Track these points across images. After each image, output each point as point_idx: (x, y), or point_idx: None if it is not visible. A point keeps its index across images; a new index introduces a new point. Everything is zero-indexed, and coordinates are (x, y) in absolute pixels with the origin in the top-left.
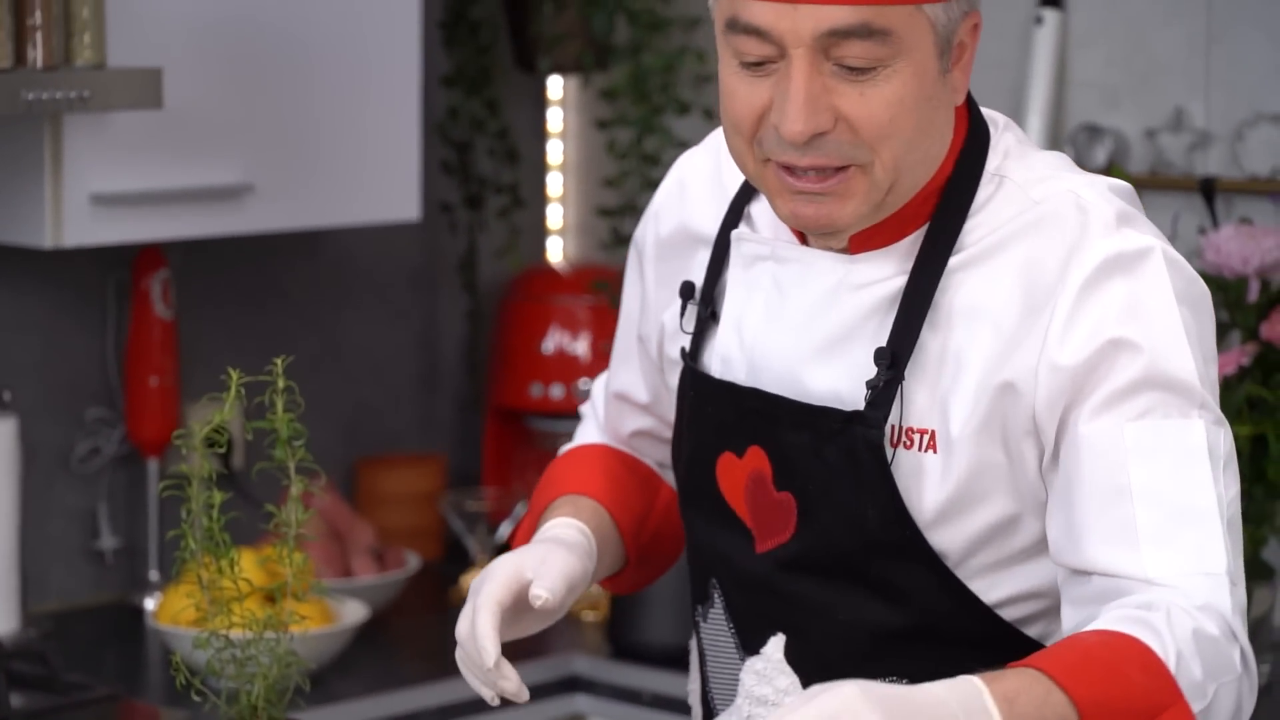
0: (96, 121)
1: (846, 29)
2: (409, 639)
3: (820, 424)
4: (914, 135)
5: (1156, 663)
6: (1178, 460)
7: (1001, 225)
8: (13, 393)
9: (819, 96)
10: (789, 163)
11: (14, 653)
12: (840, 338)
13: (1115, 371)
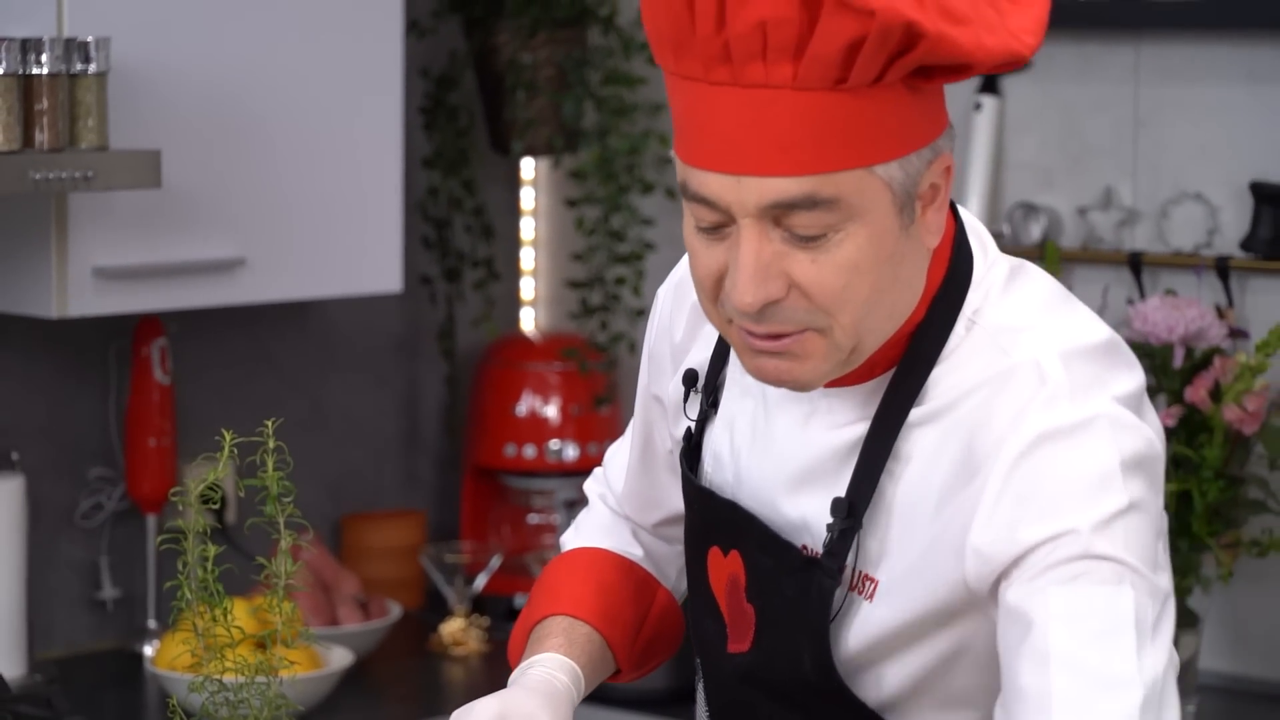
0: (99, 200)
1: (791, 201)
2: (392, 683)
3: (784, 556)
4: (871, 297)
5: None
6: (1102, 629)
7: (965, 381)
8: (20, 453)
9: (770, 264)
10: (747, 327)
11: (20, 696)
12: (807, 476)
13: (1042, 550)
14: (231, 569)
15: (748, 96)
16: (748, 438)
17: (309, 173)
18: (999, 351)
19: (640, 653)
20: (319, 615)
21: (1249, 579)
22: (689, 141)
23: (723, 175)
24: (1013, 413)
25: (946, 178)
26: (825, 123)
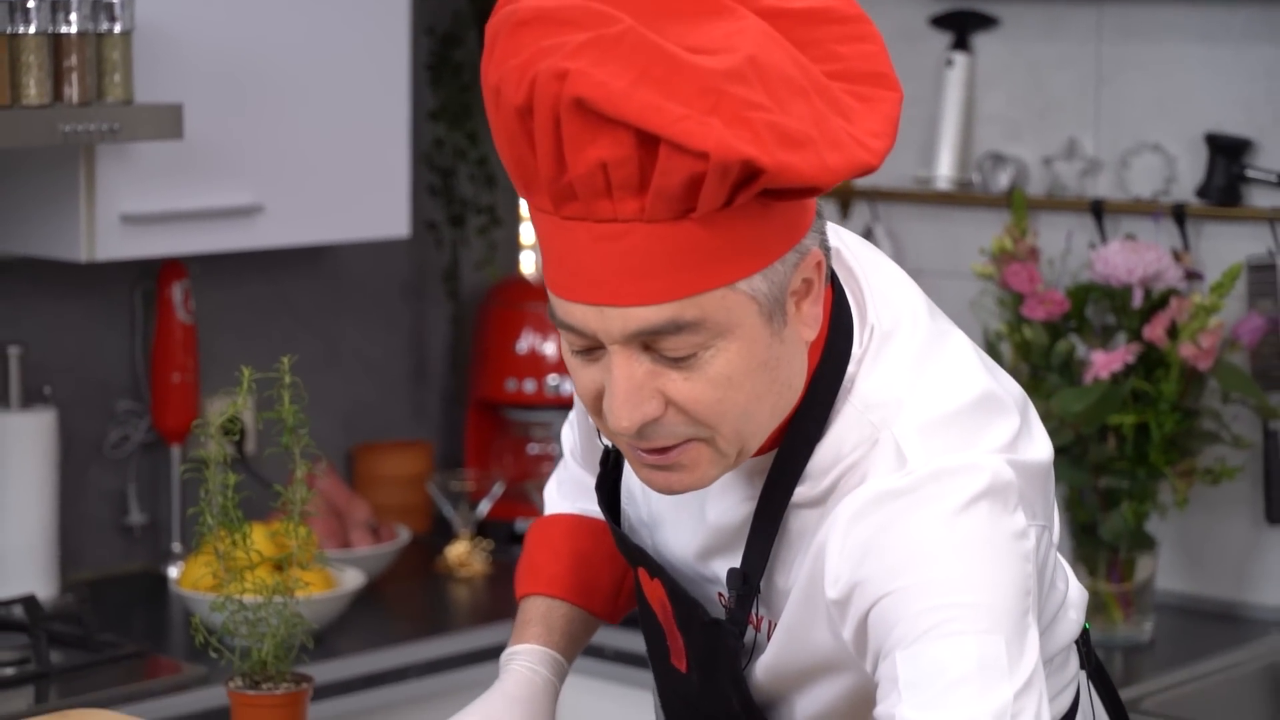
0: (125, 151)
1: (654, 328)
2: (401, 602)
3: (694, 611)
4: (750, 405)
5: None
6: (945, 684)
7: (837, 461)
8: (52, 387)
9: (643, 385)
10: (632, 445)
11: (53, 616)
12: (710, 548)
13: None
14: (250, 496)
15: (600, 230)
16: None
17: (322, 125)
18: (868, 428)
19: (624, 605)
20: (332, 539)
21: (1203, 505)
22: (552, 271)
23: (585, 305)
24: (858, 482)
25: (818, 271)
26: (679, 250)
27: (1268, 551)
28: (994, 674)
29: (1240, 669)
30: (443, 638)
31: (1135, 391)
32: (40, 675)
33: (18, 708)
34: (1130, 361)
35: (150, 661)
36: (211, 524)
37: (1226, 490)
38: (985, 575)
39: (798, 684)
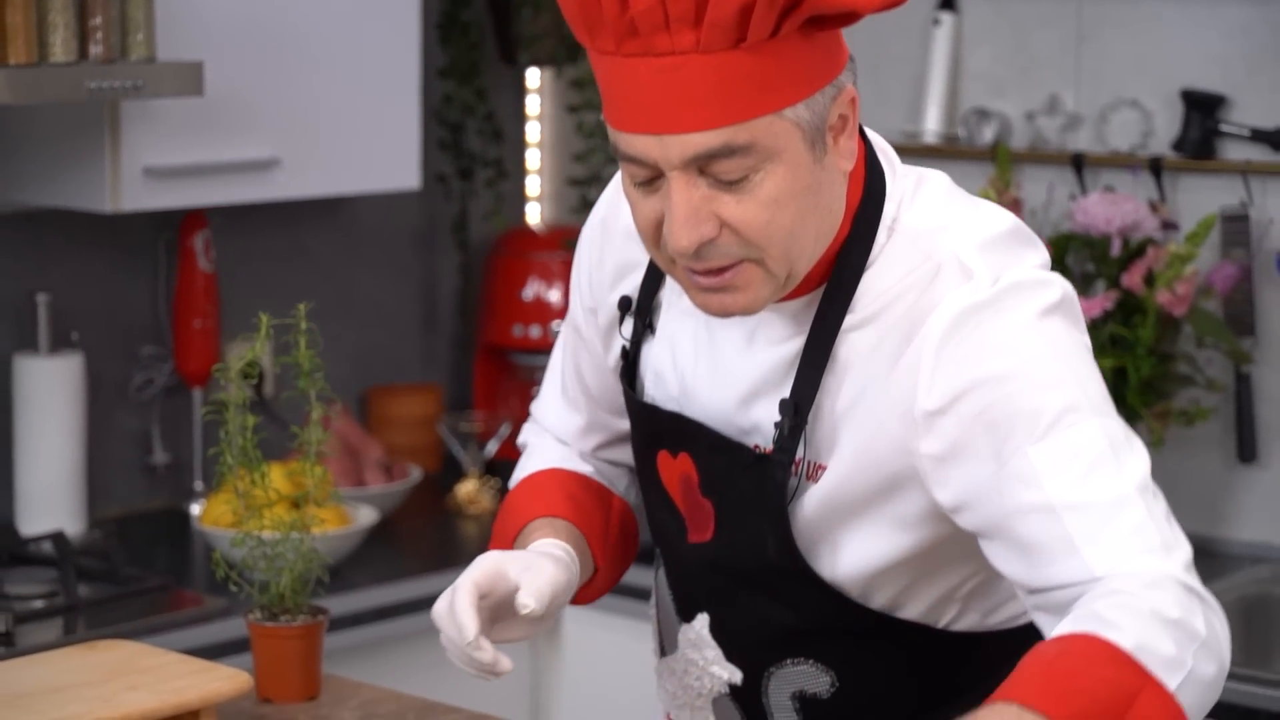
0: (148, 106)
1: (710, 152)
2: (413, 538)
3: (736, 455)
4: (796, 227)
5: (1118, 653)
6: (1085, 465)
7: (892, 285)
8: (80, 333)
9: (699, 208)
10: (691, 269)
11: (82, 550)
12: (756, 389)
13: (987, 413)
14: (268, 437)
15: (659, 64)
16: (691, 356)
17: (337, 82)
18: (921, 255)
19: (611, 550)
20: (347, 478)
21: (1178, 444)
22: (614, 108)
23: (647, 136)
24: (930, 304)
25: (853, 108)
26: (731, 78)
27: (1240, 489)
28: (1123, 450)
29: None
30: (453, 572)
31: (1113, 336)
32: (69, 608)
33: (47, 639)
34: (1109, 308)
35: (173, 595)
36: (231, 463)
37: (1200, 431)
38: (1081, 371)
39: (845, 521)
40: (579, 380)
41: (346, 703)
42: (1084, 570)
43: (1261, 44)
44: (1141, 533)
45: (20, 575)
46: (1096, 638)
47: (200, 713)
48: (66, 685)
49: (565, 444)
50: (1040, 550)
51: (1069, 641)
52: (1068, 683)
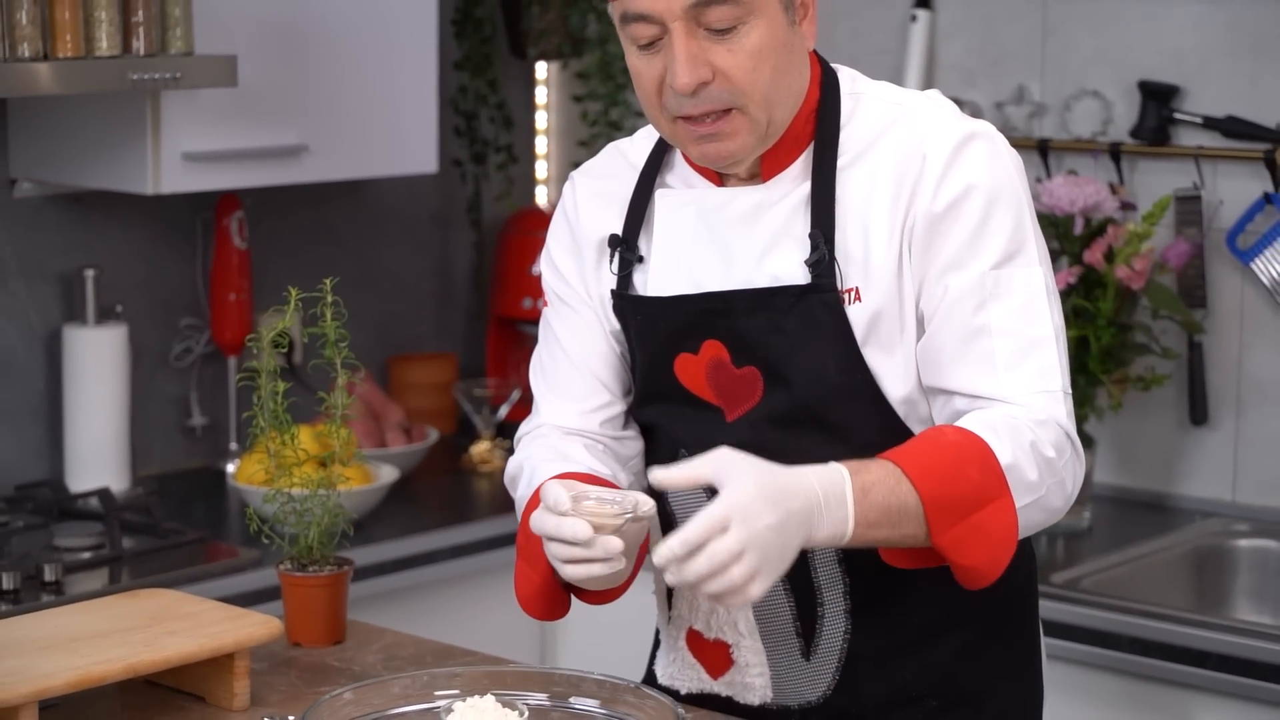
0: (186, 96)
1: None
2: (430, 494)
3: (776, 302)
4: (775, 75)
5: (994, 463)
6: (1024, 301)
7: (871, 130)
8: (123, 306)
9: (697, 56)
10: (687, 113)
11: (125, 506)
12: (771, 241)
13: (969, 214)
14: (298, 401)
15: None
16: (697, 252)
17: (360, 73)
18: (891, 104)
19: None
20: (370, 439)
21: (1134, 408)
22: None
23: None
24: (929, 130)
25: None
26: None
27: (1191, 449)
28: (1053, 298)
29: (1167, 553)
30: (467, 525)
31: (1076, 309)
32: (113, 559)
33: (93, 587)
34: (1072, 282)
35: (210, 547)
36: (263, 426)
37: (1156, 395)
38: (1036, 222)
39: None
40: (577, 358)
41: (370, 646)
42: (994, 388)
43: (1213, 39)
44: (1048, 374)
45: (69, 529)
46: (984, 444)
47: (235, 656)
48: (112, 630)
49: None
50: (964, 359)
51: (963, 437)
52: (945, 472)
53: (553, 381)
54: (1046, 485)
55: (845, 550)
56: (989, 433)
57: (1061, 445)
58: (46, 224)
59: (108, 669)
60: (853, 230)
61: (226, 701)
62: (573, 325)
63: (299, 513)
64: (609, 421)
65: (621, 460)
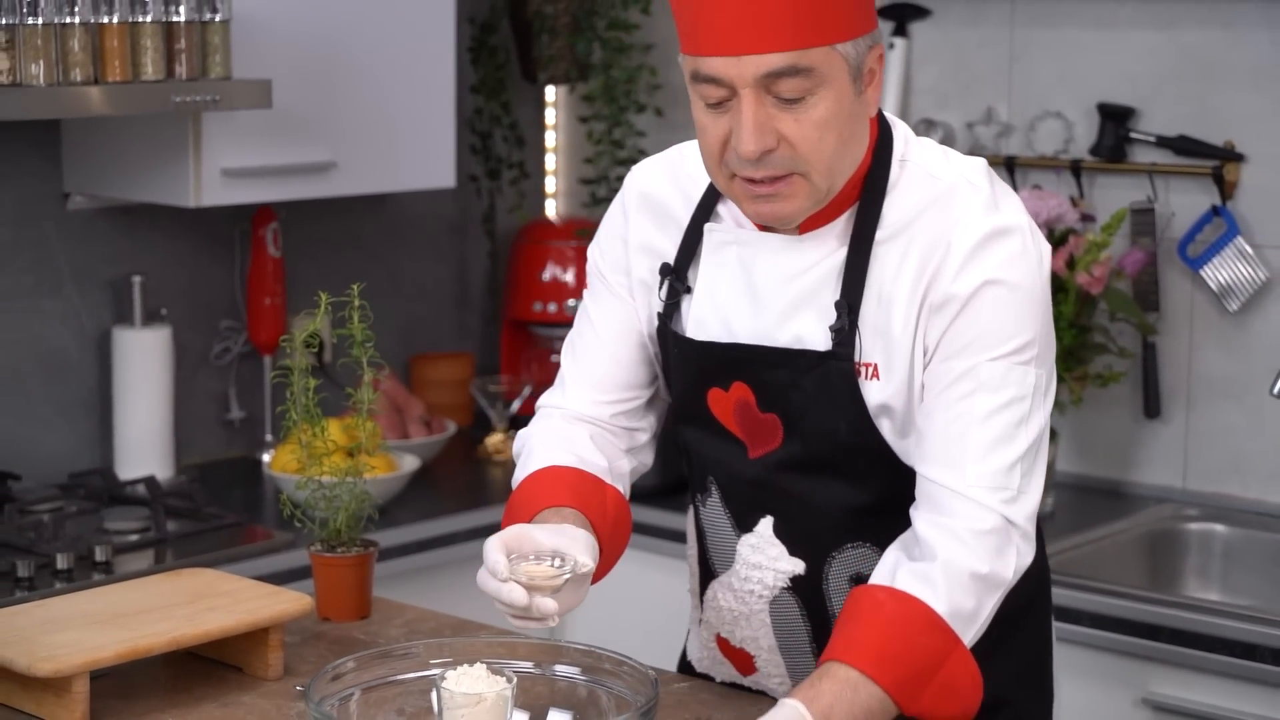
0: (225, 117)
1: (779, 70)
2: (449, 482)
3: (796, 363)
4: (838, 146)
5: (937, 621)
6: (1012, 398)
7: (912, 206)
8: (168, 309)
9: (764, 123)
10: (749, 175)
11: (169, 492)
12: (800, 301)
13: (982, 309)
14: (327, 397)
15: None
16: (732, 297)
17: (384, 96)
18: (931, 178)
19: (609, 534)
20: (394, 431)
21: (1094, 403)
22: (698, 37)
23: (725, 57)
24: (958, 217)
25: (880, 64)
26: (801, 11)
27: (1145, 440)
28: (1040, 401)
29: (1124, 535)
30: (482, 510)
31: None
32: (158, 540)
33: (139, 567)
34: None
35: (247, 529)
36: (296, 419)
37: (1113, 391)
38: (1047, 319)
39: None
40: (606, 344)
41: (393, 621)
42: (955, 480)
43: (1166, 65)
44: (1009, 475)
45: (118, 513)
46: (921, 605)
47: (269, 630)
48: (157, 606)
49: (579, 421)
50: (940, 440)
51: (901, 605)
52: (895, 649)
53: (580, 362)
54: (986, 606)
55: (859, 581)
56: (923, 586)
57: (1002, 548)
58: (97, 234)
59: (153, 642)
60: (878, 306)
61: (262, 672)
62: (607, 313)
63: (328, 498)
64: (622, 414)
65: (627, 447)
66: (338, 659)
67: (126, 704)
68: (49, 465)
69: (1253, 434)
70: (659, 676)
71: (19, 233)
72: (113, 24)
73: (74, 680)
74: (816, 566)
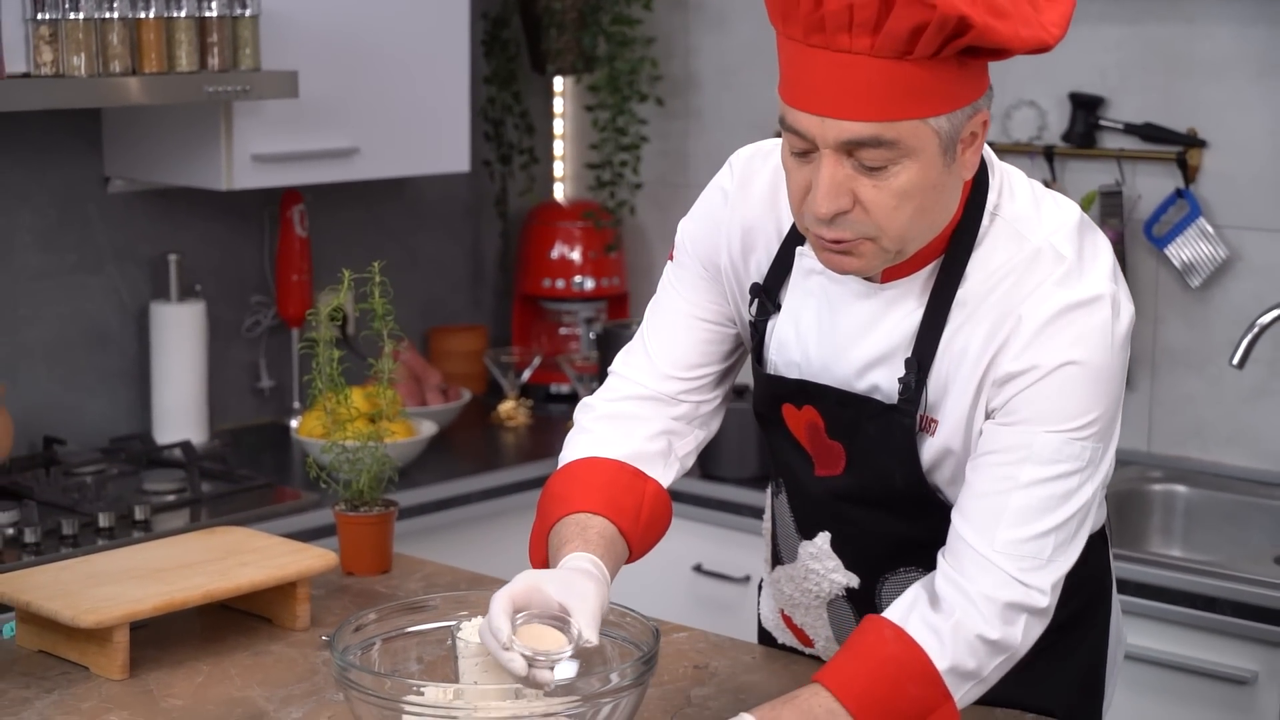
0: (255, 106)
1: (861, 140)
2: (464, 446)
3: (863, 407)
4: (915, 217)
5: (933, 674)
6: (1064, 472)
7: (997, 268)
8: (202, 285)
9: (841, 184)
10: (819, 233)
11: (203, 456)
12: (874, 351)
13: (1050, 385)
14: (350, 367)
15: (836, 59)
16: (815, 331)
17: (403, 87)
18: (1018, 239)
19: (643, 531)
20: (412, 399)
21: None
22: (790, 87)
23: (812, 115)
24: (1034, 286)
25: (984, 128)
26: (893, 83)
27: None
28: (1091, 475)
29: None
30: (496, 472)
31: None
32: (194, 501)
33: (177, 525)
34: None
35: (276, 490)
36: (321, 387)
37: None
38: (1116, 394)
39: (950, 463)
40: (676, 327)
41: (412, 575)
42: (984, 544)
43: (1133, 57)
44: (1039, 543)
45: (156, 475)
46: (923, 655)
47: (297, 584)
48: (193, 562)
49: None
50: (980, 498)
51: (904, 648)
52: (883, 692)
53: (655, 336)
54: (989, 667)
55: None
56: (930, 637)
57: (1016, 618)
58: (136, 216)
59: (189, 595)
60: (945, 364)
61: (290, 623)
62: (687, 291)
63: (352, 461)
64: (691, 390)
65: (694, 418)
66: (360, 611)
67: (164, 653)
68: (92, 430)
69: (1213, 401)
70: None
71: (64, 215)
72: (150, 19)
73: (115, 631)
74: (870, 583)
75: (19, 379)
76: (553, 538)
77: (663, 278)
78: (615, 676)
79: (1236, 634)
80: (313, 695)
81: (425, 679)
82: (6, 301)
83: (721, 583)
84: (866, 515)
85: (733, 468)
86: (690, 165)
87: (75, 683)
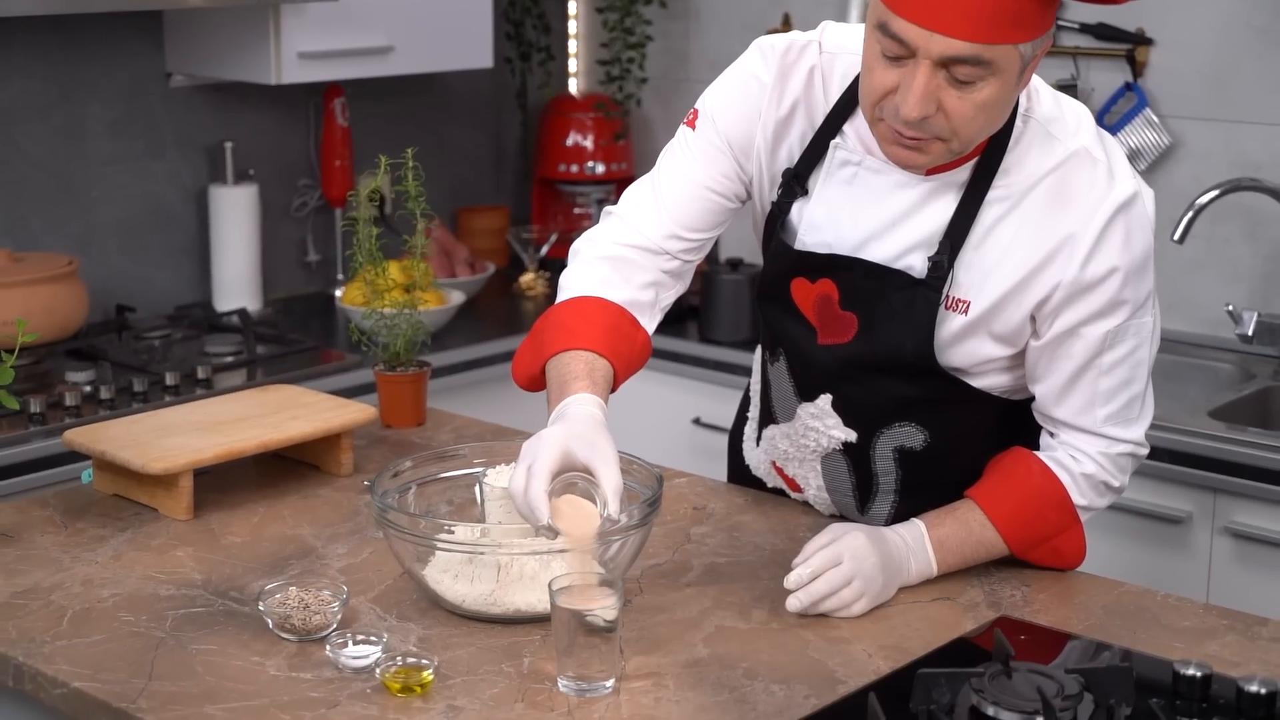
0: (300, 8)
1: (962, 57)
2: (489, 314)
3: (891, 279)
4: (986, 125)
5: (1068, 504)
6: (1133, 347)
7: (1031, 169)
8: (255, 170)
9: (931, 93)
10: (899, 131)
11: (258, 322)
12: (909, 232)
13: (1108, 288)
14: (388, 242)
15: None
16: (846, 211)
17: None
18: (1050, 140)
19: (625, 376)
20: (443, 271)
21: None
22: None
23: (921, 28)
24: (1085, 189)
25: (1043, 53)
26: (1000, 8)
27: None
28: (1151, 336)
29: None
30: (517, 336)
31: None
32: (250, 362)
33: (235, 383)
34: None
35: (323, 353)
36: (361, 261)
37: None
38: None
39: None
40: (691, 190)
41: (444, 427)
42: (1089, 421)
43: None
44: (1130, 406)
45: (216, 339)
46: (1062, 489)
47: (341, 435)
48: (249, 416)
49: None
50: (1072, 391)
51: (1046, 481)
52: (1027, 515)
53: (666, 195)
54: (1105, 503)
55: (901, 451)
56: (1067, 478)
57: (1125, 465)
58: (195, 107)
59: (245, 445)
60: (984, 252)
61: (335, 469)
62: (705, 160)
63: (389, 327)
64: (688, 250)
65: (679, 274)
66: (397, 459)
67: (223, 496)
68: (159, 300)
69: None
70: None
71: (130, 107)
72: None
73: (180, 477)
74: (866, 437)
75: (93, 254)
76: (558, 365)
77: (679, 140)
78: (624, 517)
79: (1173, 479)
80: (356, 534)
81: (455, 519)
82: (80, 184)
83: (717, 434)
84: (868, 378)
85: (728, 332)
86: (690, 62)
87: (146, 522)
